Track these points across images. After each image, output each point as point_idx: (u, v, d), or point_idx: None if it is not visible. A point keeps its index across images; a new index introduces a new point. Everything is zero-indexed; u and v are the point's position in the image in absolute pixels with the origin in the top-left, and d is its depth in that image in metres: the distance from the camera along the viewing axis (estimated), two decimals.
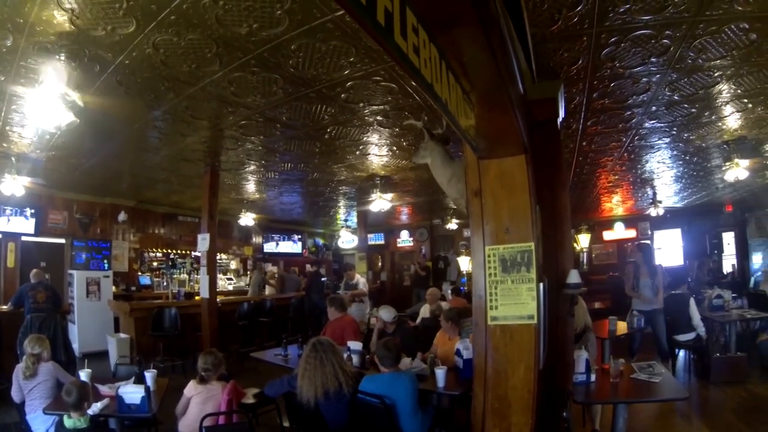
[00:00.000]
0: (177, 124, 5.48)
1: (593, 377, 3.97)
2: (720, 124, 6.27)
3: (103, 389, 4.02)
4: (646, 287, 6.70)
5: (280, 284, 12.14)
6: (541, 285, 3.11)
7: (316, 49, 3.77)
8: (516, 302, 3.04)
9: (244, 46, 3.76)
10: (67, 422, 3.18)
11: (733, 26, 3.72)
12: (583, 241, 15.14)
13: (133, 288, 10.64)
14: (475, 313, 3.25)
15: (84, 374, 4.22)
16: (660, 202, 11.85)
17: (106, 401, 3.70)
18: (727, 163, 7.48)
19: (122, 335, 7.83)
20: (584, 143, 6.69)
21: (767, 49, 4.14)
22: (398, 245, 17.48)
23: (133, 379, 4.22)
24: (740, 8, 3.46)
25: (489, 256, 3.12)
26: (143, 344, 7.84)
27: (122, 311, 8.32)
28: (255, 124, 5.49)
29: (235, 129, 5.64)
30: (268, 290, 11.99)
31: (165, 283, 11.24)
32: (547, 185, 3.78)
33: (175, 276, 11.56)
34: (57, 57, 3.90)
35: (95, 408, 3.50)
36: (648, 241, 7.95)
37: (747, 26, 3.72)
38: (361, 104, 4.92)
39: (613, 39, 3.84)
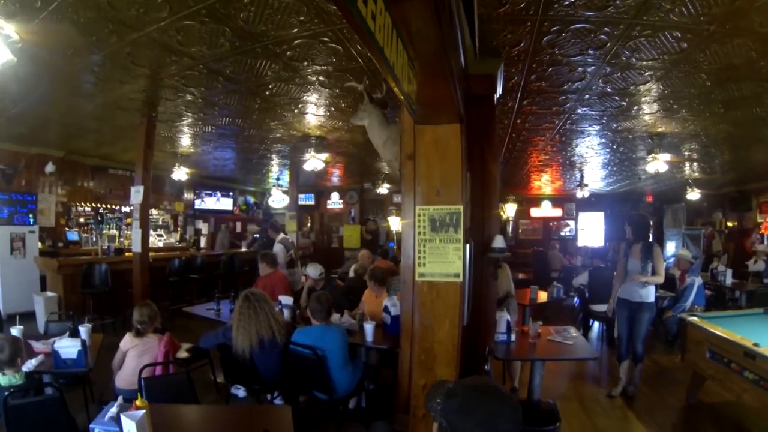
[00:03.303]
0: (116, 70, 5.23)
1: (513, 337, 4.30)
2: (646, 119, 6.67)
3: (37, 346, 3.96)
4: (635, 272, 5.09)
5: None
6: (468, 246, 3.33)
7: (269, 5, 3.74)
8: (443, 260, 3.25)
9: None
10: (2, 380, 3.12)
11: (667, 33, 3.97)
12: (510, 210, 15.70)
13: (60, 244, 10.16)
14: (403, 271, 3.45)
15: (16, 331, 4.12)
16: (586, 185, 12.39)
17: (41, 357, 3.65)
18: (650, 156, 7.91)
19: (50, 294, 7.59)
20: (518, 121, 6.92)
21: (695, 59, 4.46)
22: (328, 207, 17.58)
23: (67, 333, 4.16)
24: (676, 18, 3.70)
25: (419, 215, 3.30)
26: (72, 302, 7.66)
27: (49, 268, 8.03)
28: (197, 76, 5.37)
29: (176, 79, 5.49)
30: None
31: (93, 239, 10.77)
32: (479, 155, 4.00)
33: (104, 231, 11.09)
34: None
35: (30, 365, 3.45)
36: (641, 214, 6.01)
37: (679, 35, 3.99)
38: (305, 63, 4.91)
39: (554, 28, 3.98)
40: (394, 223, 14.49)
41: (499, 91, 4.43)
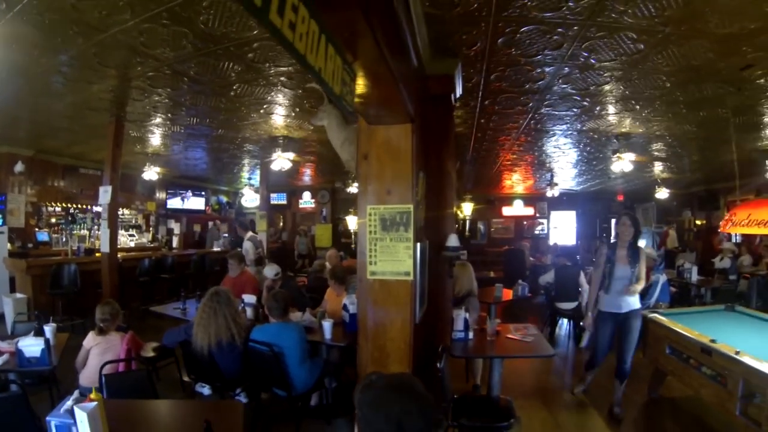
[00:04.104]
0: (84, 70, 5.25)
1: (471, 335, 4.38)
2: (610, 119, 6.77)
3: (2, 345, 3.98)
4: (624, 279, 4.59)
5: None
6: (419, 245, 3.39)
7: (227, 8, 3.78)
8: (394, 259, 3.31)
9: None
10: None
11: (622, 35, 4.04)
12: (467, 209, 15.66)
13: (30, 245, 9.99)
14: (359, 269, 3.50)
15: None
16: (556, 184, 12.54)
17: (5, 357, 3.69)
18: (615, 155, 8.03)
19: (19, 295, 7.55)
20: (482, 120, 6.98)
21: (653, 60, 4.54)
22: (300, 206, 17.63)
23: (32, 333, 4.16)
24: (630, 20, 3.77)
25: (370, 214, 3.37)
26: (41, 303, 7.64)
27: (18, 269, 7.99)
28: (163, 77, 5.39)
29: (142, 80, 5.50)
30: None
31: (64, 239, 10.64)
32: (435, 155, 4.06)
33: (75, 232, 10.97)
34: None
35: None
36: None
37: (635, 36, 4.06)
38: (267, 64, 4.95)
39: (509, 29, 4.03)
40: (352, 222, 14.51)
41: (459, 91, 4.49)
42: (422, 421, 1.37)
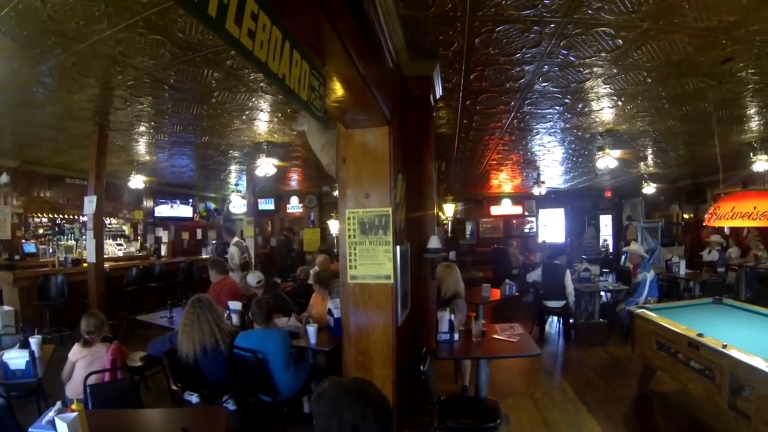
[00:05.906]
0: (64, 80, 5.22)
1: (456, 336, 4.36)
2: (593, 116, 6.77)
3: None
4: None
5: None
6: (398, 248, 3.38)
7: None
8: (373, 263, 3.31)
9: (132, 7, 3.67)
10: None
11: (600, 31, 4.03)
12: (448, 210, 15.25)
13: (17, 257, 9.84)
14: (341, 273, 3.49)
15: None
16: (543, 182, 12.48)
17: None
18: (599, 152, 8.03)
19: (6, 307, 7.42)
20: (465, 121, 6.96)
21: (632, 55, 4.53)
22: (288, 211, 17.60)
23: (17, 345, 4.15)
24: (607, 17, 3.76)
25: (349, 218, 3.37)
26: (29, 315, 7.53)
27: (5, 282, 7.90)
28: (143, 85, 5.36)
29: (123, 89, 5.47)
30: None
31: (51, 250, 10.54)
32: (415, 156, 4.05)
33: (62, 242, 10.87)
34: None
35: None
36: None
37: (613, 32, 4.05)
38: (246, 71, 4.94)
39: (485, 28, 4.01)
40: (334, 227, 14.45)
41: (439, 92, 4.46)
42: (378, 425, 1.36)
